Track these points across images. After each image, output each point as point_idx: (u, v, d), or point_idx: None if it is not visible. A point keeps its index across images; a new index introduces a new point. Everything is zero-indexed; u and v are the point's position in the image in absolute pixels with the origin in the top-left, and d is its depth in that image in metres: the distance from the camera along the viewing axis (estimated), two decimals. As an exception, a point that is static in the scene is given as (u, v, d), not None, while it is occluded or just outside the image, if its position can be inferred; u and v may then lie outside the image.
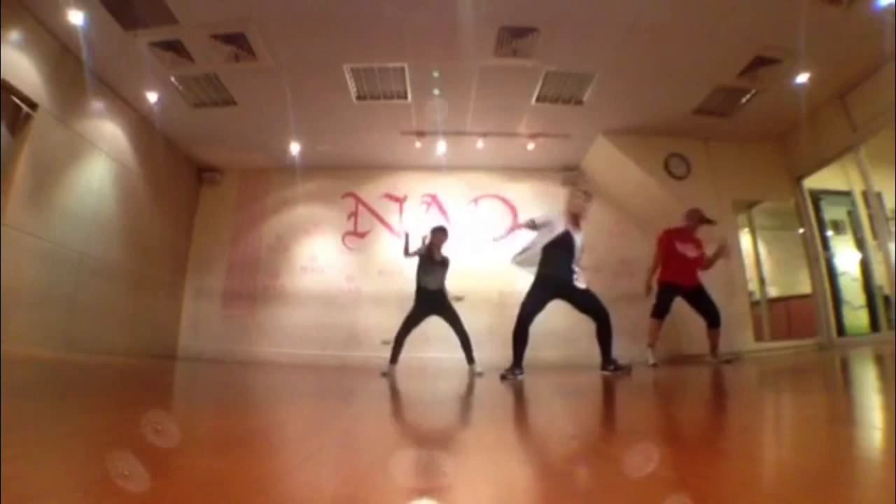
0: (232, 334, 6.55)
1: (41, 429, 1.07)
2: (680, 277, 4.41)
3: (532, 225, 3.80)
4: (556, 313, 3.97)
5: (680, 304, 4.60)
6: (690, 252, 4.45)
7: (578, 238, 3.68)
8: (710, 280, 6.00)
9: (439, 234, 4.55)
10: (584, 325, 3.91)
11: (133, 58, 4.60)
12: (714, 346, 4.44)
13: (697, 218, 4.58)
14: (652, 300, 4.56)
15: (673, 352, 6.06)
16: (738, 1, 3.95)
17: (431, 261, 4.48)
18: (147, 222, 5.95)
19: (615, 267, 6.59)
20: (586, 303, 3.61)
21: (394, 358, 4.46)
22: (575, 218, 3.72)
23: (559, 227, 3.65)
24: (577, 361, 6.14)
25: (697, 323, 4.68)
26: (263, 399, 2.25)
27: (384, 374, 4.20)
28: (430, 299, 4.44)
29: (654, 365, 4.28)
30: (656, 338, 4.46)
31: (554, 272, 3.57)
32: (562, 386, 2.99)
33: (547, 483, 0.73)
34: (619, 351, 3.87)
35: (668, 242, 4.52)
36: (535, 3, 4.04)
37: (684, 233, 4.56)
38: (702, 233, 4.65)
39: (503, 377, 3.40)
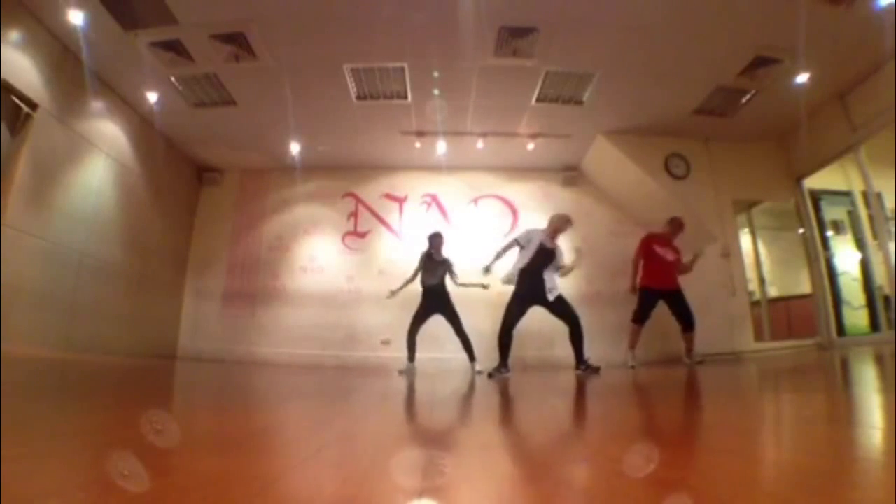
0: (232, 334, 6.55)
1: (41, 429, 1.07)
2: (659, 282, 4.67)
3: (517, 243, 4.30)
4: (548, 318, 4.20)
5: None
6: (669, 255, 4.74)
7: (556, 248, 4.21)
8: (710, 280, 6.01)
9: (437, 238, 4.98)
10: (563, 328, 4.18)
11: (133, 58, 4.60)
12: (689, 350, 4.66)
13: (678, 226, 4.92)
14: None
15: (669, 354, 6.06)
16: (738, 1, 3.95)
17: (431, 261, 4.91)
18: (147, 222, 5.95)
19: (615, 267, 6.58)
20: (560, 309, 4.05)
21: (411, 356, 4.79)
22: (554, 233, 4.27)
23: (535, 243, 4.16)
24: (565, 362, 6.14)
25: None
26: (263, 399, 2.25)
27: (401, 372, 4.48)
28: (432, 295, 4.81)
29: (633, 367, 4.51)
30: (636, 341, 4.71)
31: (529, 284, 4.04)
32: (550, 385, 2.99)
33: (544, 481, 0.73)
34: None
35: (648, 245, 4.81)
36: (535, 3, 4.03)
37: (664, 238, 4.86)
38: (690, 241, 4.80)
39: (490, 375, 3.86)
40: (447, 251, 5.07)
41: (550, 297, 4.02)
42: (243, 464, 0.79)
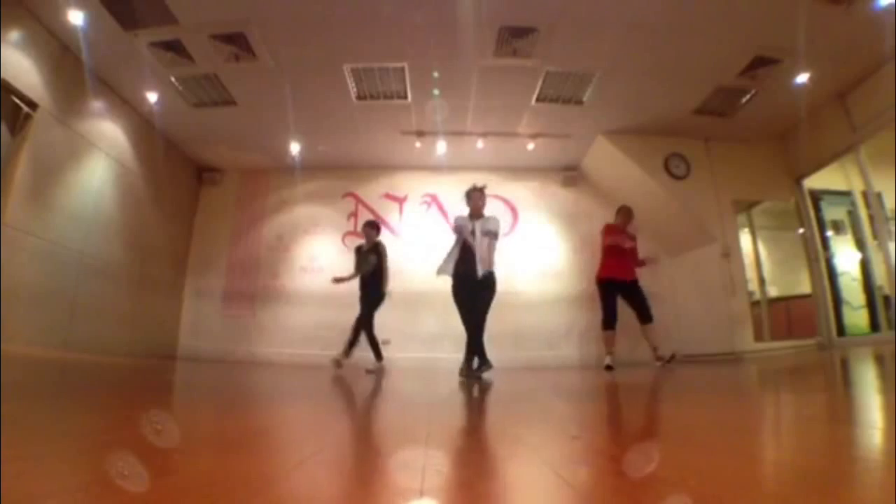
0: (232, 334, 6.55)
1: (41, 429, 1.06)
2: (618, 272, 4.66)
3: (458, 231, 4.04)
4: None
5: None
6: (626, 243, 4.70)
7: (478, 227, 3.91)
8: (710, 280, 6.00)
9: (366, 228, 5.00)
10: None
11: (133, 58, 4.60)
12: (654, 347, 4.57)
13: (626, 213, 4.95)
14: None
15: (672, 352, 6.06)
16: (738, 1, 3.95)
17: (362, 252, 4.94)
18: (147, 222, 5.95)
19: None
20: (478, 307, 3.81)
21: (378, 354, 4.77)
22: (476, 214, 4.00)
23: (465, 230, 3.94)
24: (572, 363, 6.14)
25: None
26: (263, 399, 2.25)
27: (369, 372, 4.43)
28: (364, 284, 4.84)
29: (609, 367, 4.47)
30: (612, 345, 4.62)
31: (462, 272, 3.83)
32: (556, 386, 2.99)
33: (543, 480, 0.73)
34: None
35: (609, 234, 4.78)
36: (535, 3, 4.03)
37: (618, 227, 4.86)
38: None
39: (466, 375, 3.62)
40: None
41: (482, 272, 3.79)
42: (243, 464, 0.79)
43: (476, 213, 4.00)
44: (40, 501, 0.55)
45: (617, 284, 4.64)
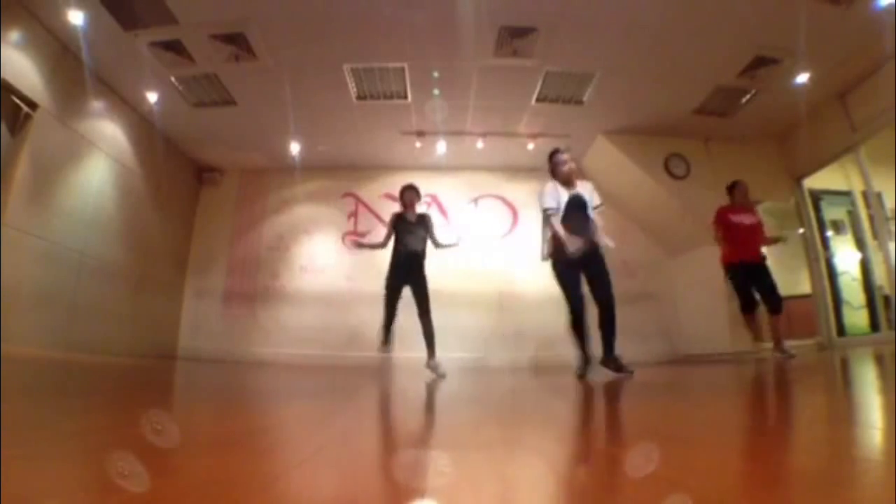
0: (232, 334, 6.55)
1: (41, 429, 1.06)
2: (741, 252, 4.25)
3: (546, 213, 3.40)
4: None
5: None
6: (746, 220, 4.33)
7: (585, 193, 3.38)
8: (710, 280, 5.99)
9: (409, 192, 4.14)
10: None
11: (133, 58, 4.60)
12: (776, 339, 4.11)
13: (737, 189, 4.53)
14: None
15: (673, 352, 6.06)
16: (738, 1, 3.95)
17: (406, 221, 4.08)
18: (147, 222, 5.95)
19: (615, 267, 6.57)
20: (599, 282, 3.21)
21: (386, 338, 4.09)
22: (567, 184, 3.39)
23: (562, 198, 3.31)
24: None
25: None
26: (263, 399, 2.25)
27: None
28: (409, 262, 4.01)
29: (792, 356, 3.92)
30: (757, 329, 4.27)
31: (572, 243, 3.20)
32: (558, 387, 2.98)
33: (545, 480, 0.73)
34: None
35: (723, 216, 4.41)
36: (535, 3, 4.04)
37: (733, 206, 4.49)
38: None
39: (581, 376, 3.03)
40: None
41: (606, 243, 3.28)
42: (243, 464, 0.79)
43: (567, 183, 3.31)
44: (40, 501, 0.55)
45: (745, 266, 4.23)
